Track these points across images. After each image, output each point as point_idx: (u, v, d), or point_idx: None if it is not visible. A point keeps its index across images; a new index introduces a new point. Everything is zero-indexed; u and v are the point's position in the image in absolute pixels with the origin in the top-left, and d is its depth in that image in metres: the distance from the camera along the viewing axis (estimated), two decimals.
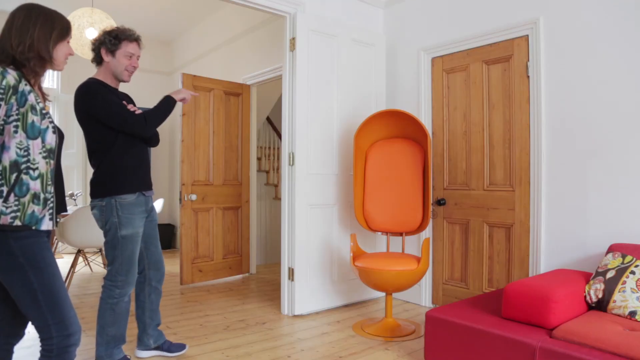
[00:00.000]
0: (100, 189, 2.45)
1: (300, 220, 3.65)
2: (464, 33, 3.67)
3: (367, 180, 3.56)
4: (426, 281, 3.93)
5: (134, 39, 2.53)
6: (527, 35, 3.28)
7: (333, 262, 3.88)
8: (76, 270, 5.26)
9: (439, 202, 3.82)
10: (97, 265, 5.56)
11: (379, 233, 3.61)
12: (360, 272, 3.21)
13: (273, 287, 4.63)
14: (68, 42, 1.73)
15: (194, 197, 4.58)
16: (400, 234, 3.51)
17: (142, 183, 2.55)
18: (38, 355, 2.75)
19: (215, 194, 4.77)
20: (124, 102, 2.52)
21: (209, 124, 4.73)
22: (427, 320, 2.54)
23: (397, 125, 3.55)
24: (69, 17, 4.21)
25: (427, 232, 3.92)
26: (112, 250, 2.45)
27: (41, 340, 1.63)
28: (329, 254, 3.85)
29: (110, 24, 4.35)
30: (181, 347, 2.82)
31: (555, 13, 3.12)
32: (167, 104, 2.57)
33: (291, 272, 3.66)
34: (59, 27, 1.68)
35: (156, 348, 2.79)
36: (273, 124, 6.93)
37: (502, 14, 3.43)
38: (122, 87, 2.75)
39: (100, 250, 4.46)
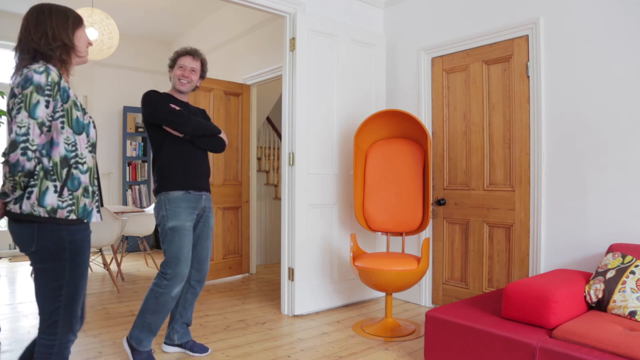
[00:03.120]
0: (155, 187, 2.70)
1: (300, 220, 3.65)
2: (464, 33, 3.67)
3: (367, 180, 3.56)
4: (426, 281, 3.93)
5: (186, 53, 2.76)
6: (527, 35, 3.28)
7: (333, 262, 3.88)
8: None
9: (439, 202, 3.82)
10: (97, 265, 5.56)
11: (379, 233, 3.61)
12: (360, 272, 3.21)
13: (273, 287, 4.63)
14: (84, 30, 1.80)
15: None
16: (400, 234, 3.51)
17: (189, 183, 2.68)
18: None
19: (215, 194, 4.77)
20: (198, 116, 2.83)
21: None
22: (427, 320, 2.54)
23: (397, 125, 3.55)
24: None
25: (427, 232, 3.92)
26: (163, 244, 2.63)
27: (43, 334, 1.64)
28: (329, 254, 3.85)
29: (110, 24, 4.35)
30: (204, 349, 2.83)
31: (555, 13, 3.12)
32: (214, 127, 2.79)
33: (291, 272, 3.66)
34: (72, 16, 1.75)
35: (179, 345, 2.84)
36: (273, 124, 6.93)
37: (502, 14, 3.43)
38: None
39: (100, 250, 4.46)
